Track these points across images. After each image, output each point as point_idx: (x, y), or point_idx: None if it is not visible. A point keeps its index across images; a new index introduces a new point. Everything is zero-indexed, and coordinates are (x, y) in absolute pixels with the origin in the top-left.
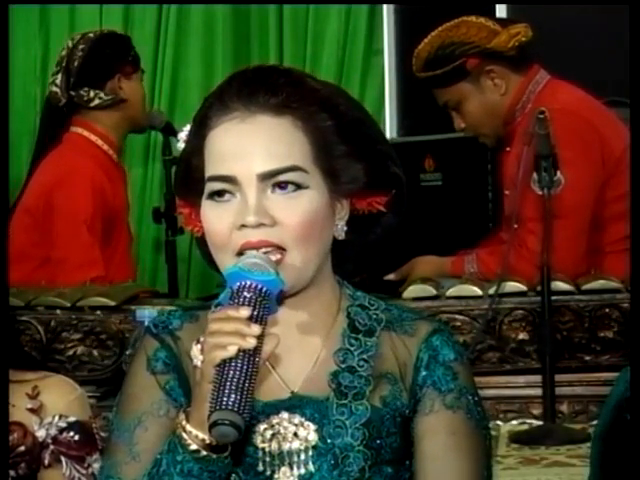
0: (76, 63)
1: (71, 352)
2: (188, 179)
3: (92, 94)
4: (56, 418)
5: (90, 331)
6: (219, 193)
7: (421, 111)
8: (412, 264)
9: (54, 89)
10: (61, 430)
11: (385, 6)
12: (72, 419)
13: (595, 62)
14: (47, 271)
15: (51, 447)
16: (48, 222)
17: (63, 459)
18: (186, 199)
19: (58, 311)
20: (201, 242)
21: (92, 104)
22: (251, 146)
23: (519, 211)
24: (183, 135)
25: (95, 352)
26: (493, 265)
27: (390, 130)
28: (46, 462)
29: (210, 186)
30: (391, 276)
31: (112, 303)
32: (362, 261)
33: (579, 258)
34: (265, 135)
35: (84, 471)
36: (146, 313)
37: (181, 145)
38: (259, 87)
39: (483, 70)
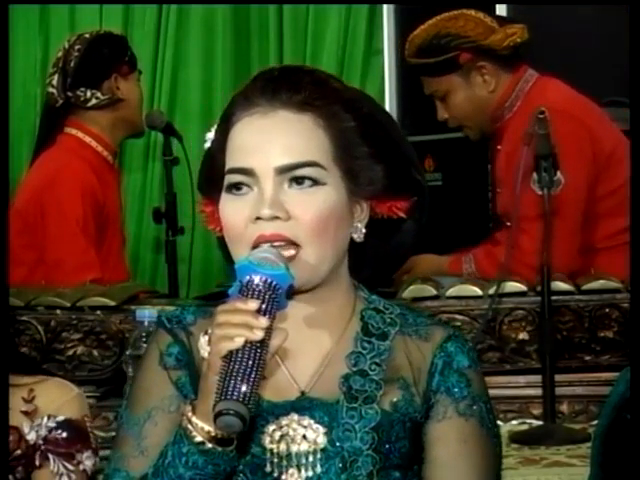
0: (72, 64)
1: (71, 352)
2: (212, 176)
3: (89, 94)
4: (45, 419)
5: (90, 331)
6: (237, 186)
7: (421, 111)
8: (411, 262)
9: (51, 90)
10: (50, 430)
11: (385, 6)
12: (61, 418)
13: (595, 62)
14: (42, 274)
15: (42, 448)
16: (40, 225)
17: (51, 456)
18: (209, 197)
19: (58, 311)
20: (221, 243)
21: (89, 104)
22: (270, 140)
23: (516, 210)
24: (210, 135)
25: (95, 352)
26: (488, 267)
27: None
28: (37, 463)
29: (228, 178)
30: None
31: (112, 303)
32: (381, 267)
33: (574, 255)
34: (285, 130)
35: (72, 467)
36: (146, 313)
37: (207, 145)
38: (283, 84)
39: (475, 65)
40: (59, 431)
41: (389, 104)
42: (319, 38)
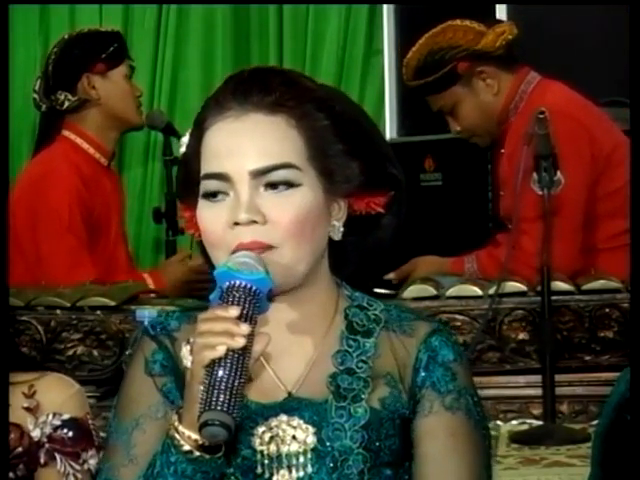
0: (50, 67)
1: (71, 352)
2: (188, 182)
3: (63, 97)
4: (50, 416)
5: (90, 331)
6: (213, 193)
7: (421, 111)
8: (413, 264)
9: (34, 95)
10: (55, 428)
11: (385, 6)
12: (66, 416)
13: (595, 62)
14: (33, 277)
15: (46, 446)
16: (27, 227)
17: (57, 456)
18: (187, 202)
19: (58, 311)
20: (202, 247)
21: (64, 107)
22: (244, 144)
23: (516, 210)
24: (185, 139)
25: (95, 352)
26: (490, 268)
27: (390, 130)
28: (42, 461)
29: (204, 185)
30: (391, 275)
31: (112, 303)
32: (364, 264)
33: (575, 256)
34: (258, 133)
35: (79, 467)
36: (146, 313)
37: (183, 150)
38: (253, 86)
39: (474, 72)
40: (65, 430)
41: (389, 104)
42: (319, 38)
